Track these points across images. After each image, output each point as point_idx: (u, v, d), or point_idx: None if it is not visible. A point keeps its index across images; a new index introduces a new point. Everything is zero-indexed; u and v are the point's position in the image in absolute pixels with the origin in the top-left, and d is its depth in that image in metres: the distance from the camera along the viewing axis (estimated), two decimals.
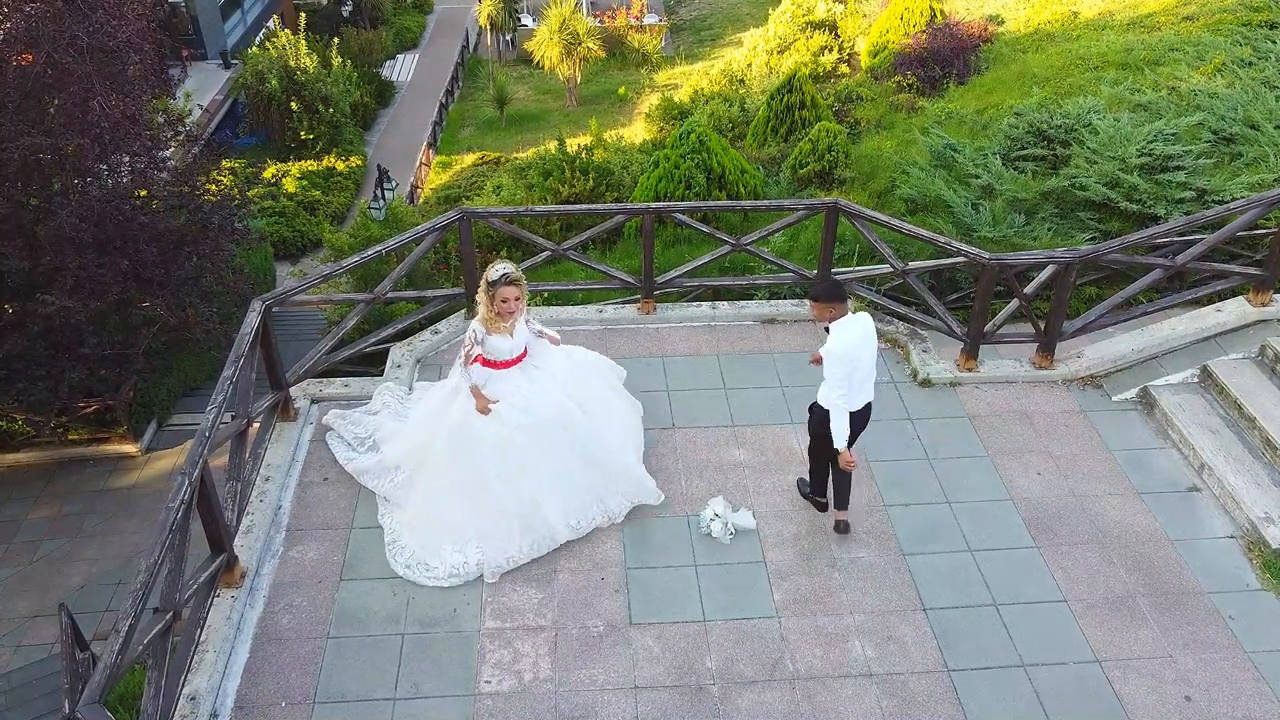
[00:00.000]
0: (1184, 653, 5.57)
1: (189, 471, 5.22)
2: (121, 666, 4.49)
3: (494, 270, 5.90)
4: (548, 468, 6.11)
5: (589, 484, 6.28)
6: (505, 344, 6.04)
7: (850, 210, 7.90)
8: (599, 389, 6.68)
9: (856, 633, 5.70)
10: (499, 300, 5.88)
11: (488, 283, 5.89)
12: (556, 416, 6.15)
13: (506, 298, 5.88)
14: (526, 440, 6.06)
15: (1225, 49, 13.56)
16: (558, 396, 6.20)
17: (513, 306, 5.92)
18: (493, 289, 5.87)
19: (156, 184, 12.58)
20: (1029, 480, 6.73)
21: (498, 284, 5.86)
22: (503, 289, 5.86)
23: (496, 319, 5.95)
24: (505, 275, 5.87)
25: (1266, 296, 7.78)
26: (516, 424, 6.05)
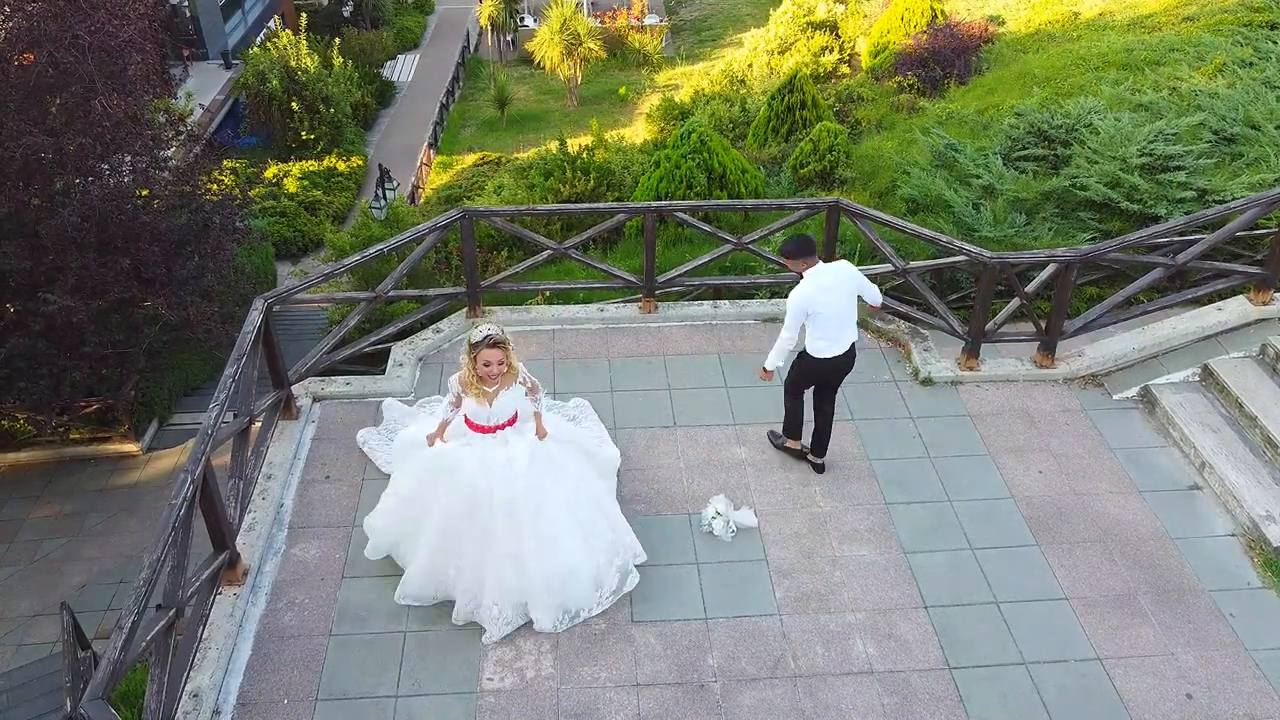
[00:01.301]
0: (1185, 651, 5.57)
1: (191, 469, 5.23)
2: (124, 663, 4.50)
3: (477, 331, 5.39)
4: (475, 551, 5.58)
5: (518, 588, 5.62)
6: (480, 411, 5.53)
7: (851, 209, 7.92)
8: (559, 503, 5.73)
9: (858, 630, 5.70)
10: (480, 363, 5.38)
11: (470, 343, 5.39)
12: (481, 502, 5.54)
13: (489, 361, 5.36)
14: (437, 502, 5.60)
15: (1226, 49, 13.57)
16: (502, 474, 5.54)
17: (495, 371, 5.39)
18: (474, 350, 5.37)
19: (158, 183, 12.60)
20: (1030, 479, 6.74)
21: (479, 346, 5.34)
22: (485, 351, 5.35)
23: (477, 382, 5.46)
24: (489, 337, 5.34)
25: (1267, 295, 7.78)
26: (471, 486, 5.54)
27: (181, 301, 12.36)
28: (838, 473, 6.80)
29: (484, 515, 5.55)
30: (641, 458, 6.95)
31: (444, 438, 5.74)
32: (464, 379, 5.53)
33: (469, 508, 5.57)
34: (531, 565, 5.55)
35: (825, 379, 6.50)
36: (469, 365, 5.45)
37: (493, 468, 5.54)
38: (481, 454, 5.58)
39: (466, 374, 5.50)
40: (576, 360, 7.97)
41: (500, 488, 5.51)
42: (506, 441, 5.63)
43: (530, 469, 5.56)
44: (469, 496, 5.56)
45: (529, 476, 5.55)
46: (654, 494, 6.65)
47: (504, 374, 5.45)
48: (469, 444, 5.65)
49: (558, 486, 5.71)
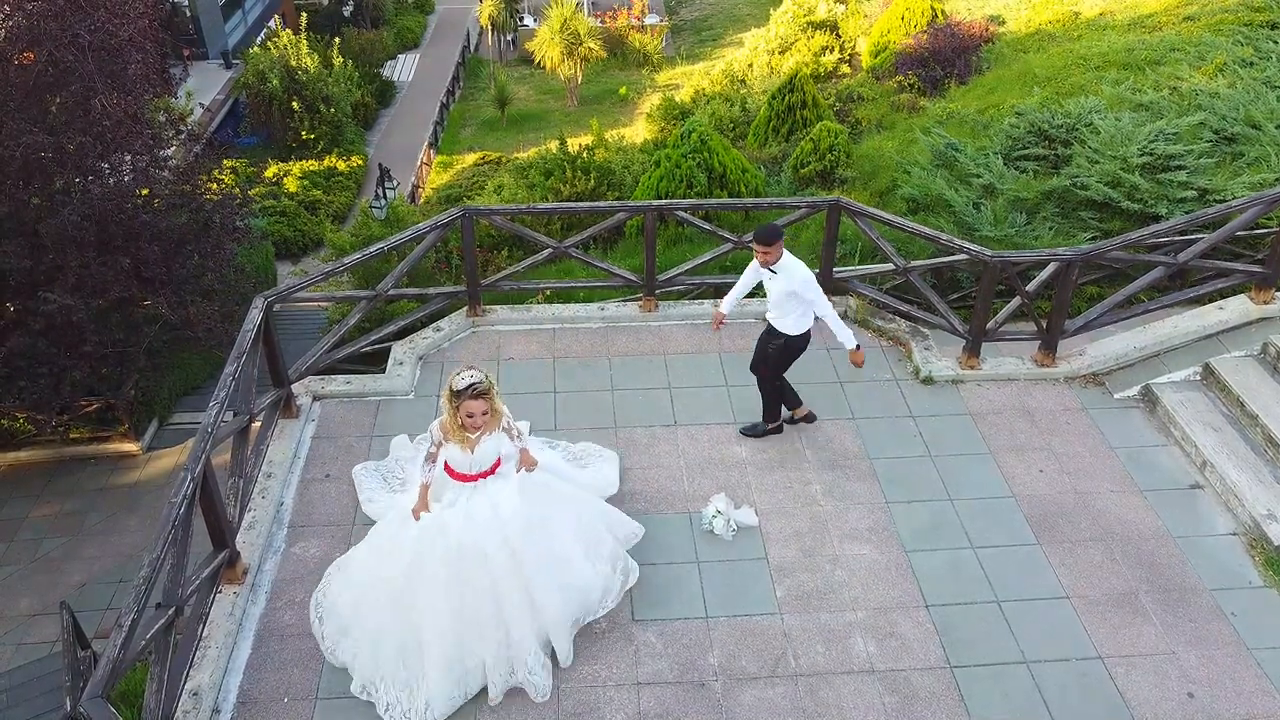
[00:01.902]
0: (1186, 649, 5.56)
1: (191, 467, 5.23)
2: (124, 662, 4.49)
3: (460, 378, 5.04)
4: (452, 609, 5.19)
5: (539, 629, 5.37)
6: (463, 458, 5.25)
7: (852, 208, 7.91)
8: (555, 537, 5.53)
9: (859, 629, 5.70)
10: (463, 414, 5.05)
11: (452, 391, 5.04)
12: (475, 558, 5.22)
13: (472, 412, 5.03)
14: (437, 575, 5.20)
15: (1226, 49, 13.56)
16: (493, 525, 5.26)
17: (479, 421, 5.07)
18: (457, 400, 5.03)
19: (158, 183, 12.60)
20: (1031, 477, 6.73)
21: (463, 395, 5.00)
22: (468, 402, 5.00)
23: (459, 430, 5.15)
24: (473, 386, 4.99)
25: (1268, 294, 7.78)
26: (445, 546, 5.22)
27: (181, 301, 12.36)
28: (839, 472, 6.79)
29: (488, 579, 5.21)
30: (642, 456, 6.95)
31: (426, 504, 5.35)
32: (445, 426, 5.20)
33: (466, 576, 5.19)
34: (546, 604, 5.33)
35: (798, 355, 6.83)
36: (450, 413, 5.12)
37: (478, 519, 5.25)
38: (465, 509, 5.27)
39: (448, 421, 5.16)
40: (577, 359, 7.97)
41: (492, 539, 5.22)
42: (489, 498, 5.32)
43: (523, 505, 5.33)
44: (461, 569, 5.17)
45: (523, 514, 5.31)
46: (654, 493, 6.64)
47: (488, 421, 5.17)
48: (451, 502, 5.31)
49: (555, 511, 5.53)
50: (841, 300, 8.45)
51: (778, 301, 6.53)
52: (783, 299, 6.48)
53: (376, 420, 7.30)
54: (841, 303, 8.44)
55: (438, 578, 5.19)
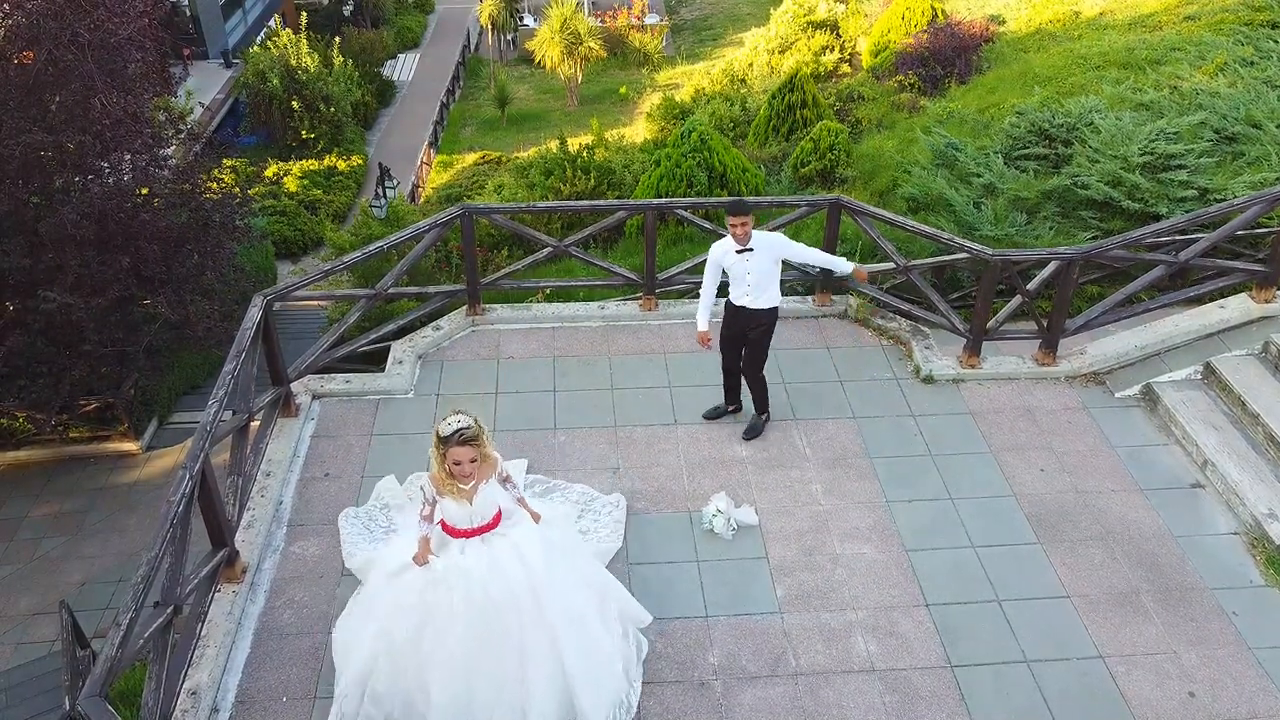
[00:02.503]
0: (1187, 649, 5.55)
1: (190, 466, 5.21)
2: (122, 660, 4.48)
3: (446, 424, 4.71)
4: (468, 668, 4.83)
5: (562, 689, 4.93)
6: (460, 511, 4.86)
7: (852, 207, 7.90)
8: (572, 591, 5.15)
9: (859, 628, 5.68)
10: (450, 461, 4.71)
11: (437, 437, 4.72)
12: (505, 606, 4.85)
13: (459, 460, 4.70)
14: (452, 629, 4.83)
15: (1227, 48, 13.55)
16: (520, 570, 4.91)
17: (468, 470, 4.75)
18: (444, 447, 4.70)
19: (158, 182, 12.60)
20: (1032, 476, 6.72)
21: (449, 442, 4.67)
22: (454, 449, 4.67)
23: (449, 479, 4.80)
24: (459, 433, 4.67)
25: (1270, 293, 7.76)
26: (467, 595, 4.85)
27: (181, 300, 12.36)
28: (839, 470, 6.78)
29: (517, 634, 4.83)
30: (642, 456, 6.93)
31: (427, 552, 4.98)
32: (436, 478, 4.83)
33: (490, 628, 4.80)
34: (574, 672, 4.91)
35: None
36: (438, 462, 4.77)
37: (503, 564, 4.86)
38: (489, 554, 4.88)
39: (438, 472, 4.80)
40: (577, 358, 7.95)
41: (520, 587, 4.83)
42: (504, 534, 4.99)
43: (547, 551, 5.00)
44: (486, 613, 4.80)
45: (546, 561, 4.96)
46: (655, 492, 6.63)
47: (479, 467, 4.80)
48: (463, 549, 4.92)
49: (567, 569, 5.16)
50: (842, 299, 8.44)
51: (762, 275, 6.45)
52: (769, 270, 6.43)
53: (376, 419, 7.29)
54: (842, 301, 8.43)
55: (452, 632, 4.80)
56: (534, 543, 4.99)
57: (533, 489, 6.36)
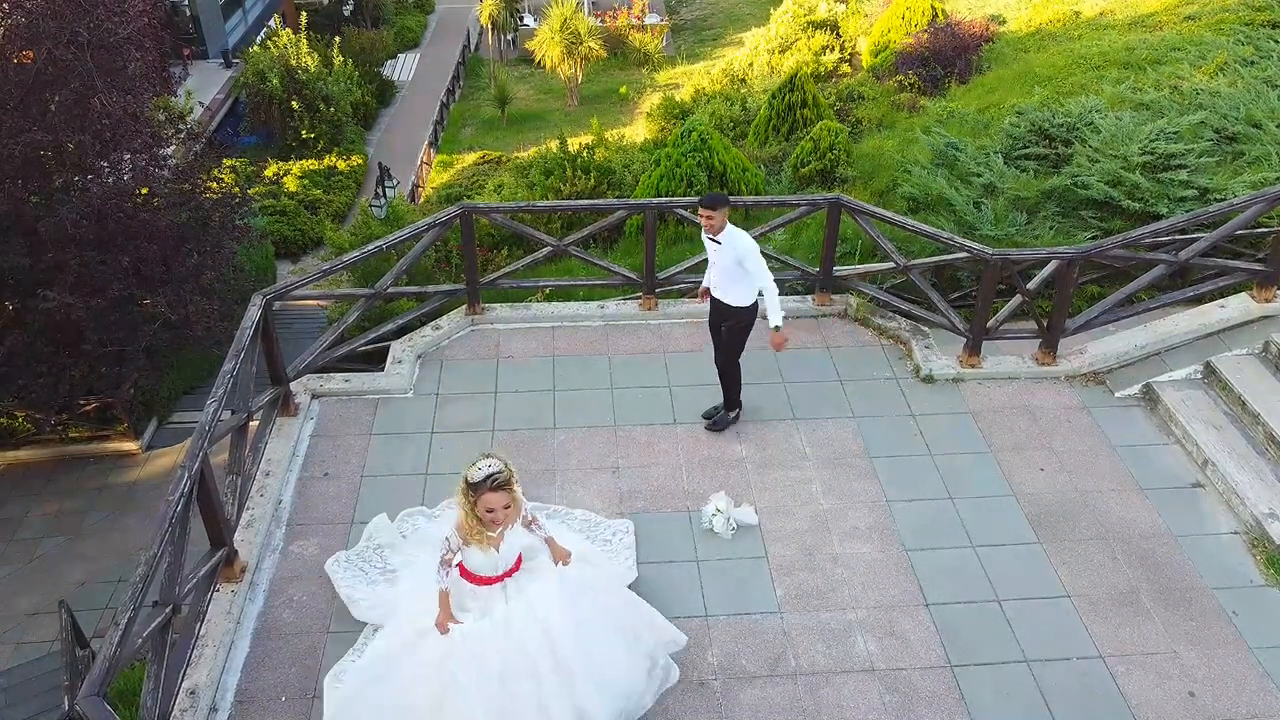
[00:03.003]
0: (1187, 649, 5.54)
1: (189, 465, 5.21)
2: (121, 659, 4.47)
3: (476, 470, 4.51)
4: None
5: None
6: (487, 560, 4.71)
7: (853, 206, 7.89)
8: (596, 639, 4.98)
9: (859, 628, 5.68)
10: (482, 509, 4.53)
11: (468, 484, 4.52)
12: (524, 674, 4.70)
13: (492, 507, 4.52)
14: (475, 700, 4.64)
15: (1227, 48, 13.54)
16: (536, 633, 4.74)
17: (500, 517, 4.57)
18: (474, 494, 4.51)
19: (158, 181, 12.60)
20: (1032, 476, 6.71)
21: (481, 488, 4.49)
22: (487, 496, 4.49)
23: (479, 528, 4.61)
24: (492, 478, 4.48)
25: (1270, 293, 7.75)
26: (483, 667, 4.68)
27: (181, 299, 12.36)
28: (839, 470, 6.78)
29: (535, 695, 4.67)
30: (642, 455, 6.93)
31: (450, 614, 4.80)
32: (463, 527, 4.62)
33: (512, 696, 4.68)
34: (595, 713, 4.80)
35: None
36: (468, 510, 4.56)
37: (516, 626, 4.72)
38: (503, 619, 4.73)
39: (465, 521, 4.59)
40: (576, 358, 7.95)
41: (540, 649, 4.69)
42: (521, 589, 4.84)
43: (565, 603, 4.82)
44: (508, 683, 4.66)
45: (568, 614, 4.80)
46: (654, 491, 6.62)
47: (509, 515, 4.63)
48: (484, 612, 4.75)
49: (593, 612, 5.00)
50: (842, 299, 8.44)
51: (724, 272, 6.55)
52: (730, 269, 6.51)
53: (375, 418, 7.28)
54: (842, 301, 8.43)
55: (476, 700, 4.64)
56: (553, 600, 4.81)
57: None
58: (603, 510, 6.43)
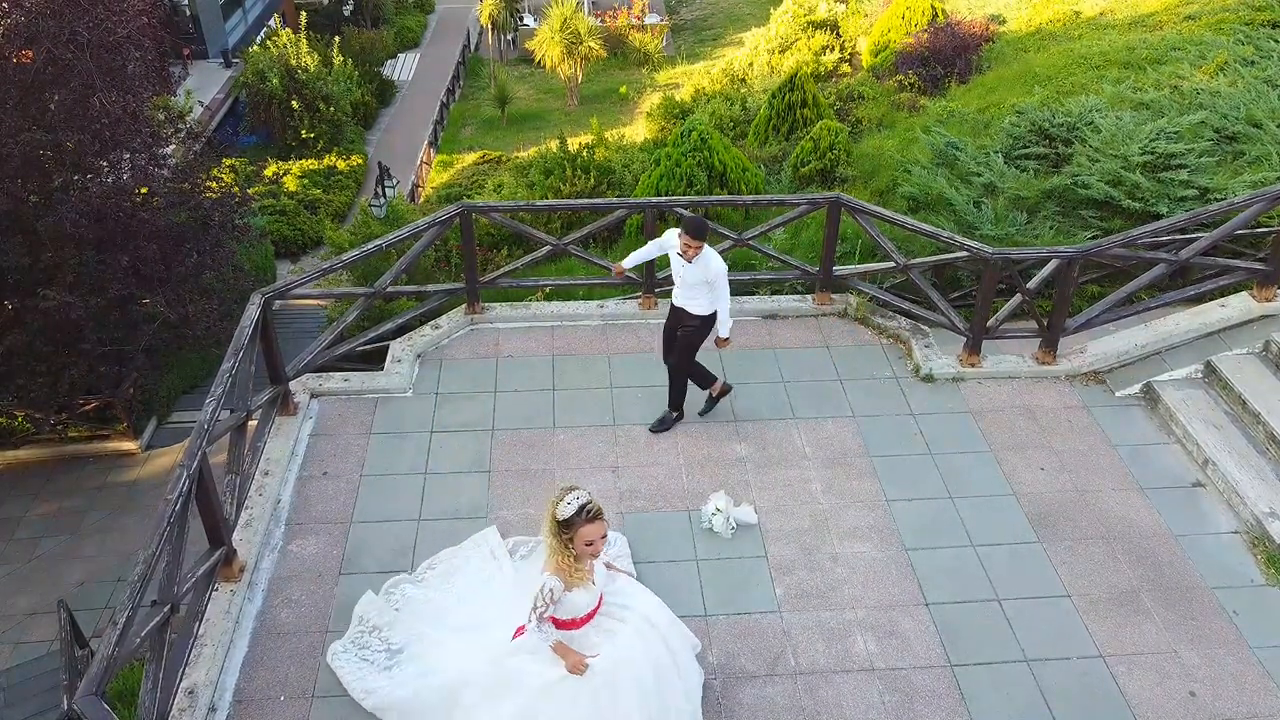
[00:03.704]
0: (1188, 648, 5.53)
1: (188, 464, 5.20)
2: (119, 659, 4.46)
3: (565, 505, 4.26)
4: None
5: None
6: (587, 597, 4.46)
7: (853, 205, 7.88)
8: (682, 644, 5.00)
9: (859, 627, 5.67)
10: (581, 543, 4.29)
11: (560, 523, 4.26)
12: (669, 661, 4.69)
13: (592, 538, 4.29)
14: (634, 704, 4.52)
15: (1227, 48, 13.53)
16: (658, 636, 4.69)
17: (599, 547, 4.37)
18: (568, 530, 4.26)
19: (157, 181, 12.59)
20: (1032, 475, 6.70)
21: (576, 523, 4.25)
22: (585, 528, 4.26)
23: (577, 566, 4.35)
24: (586, 509, 4.26)
25: (1271, 292, 7.74)
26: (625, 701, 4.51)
27: (180, 299, 12.36)
28: (839, 469, 6.77)
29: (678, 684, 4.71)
30: (641, 454, 6.92)
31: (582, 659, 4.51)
32: (563, 569, 4.32)
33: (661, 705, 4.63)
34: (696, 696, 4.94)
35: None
36: (562, 551, 4.30)
37: (645, 632, 4.64)
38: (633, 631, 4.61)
39: (563, 561, 4.32)
40: (576, 357, 7.94)
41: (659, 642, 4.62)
42: (623, 604, 4.68)
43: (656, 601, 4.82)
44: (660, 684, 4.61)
45: (661, 609, 4.80)
46: (654, 490, 6.62)
47: (604, 541, 4.43)
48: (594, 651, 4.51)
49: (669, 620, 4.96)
50: (842, 298, 8.43)
51: (690, 287, 6.60)
52: (696, 285, 6.56)
53: (375, 418, 7.27)
54: (842, 300, 8.42)
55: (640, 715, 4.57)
56: (651, 600, 4.79)
57: (518, 552, 5.96)
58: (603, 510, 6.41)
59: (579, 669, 4.44)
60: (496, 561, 5.78)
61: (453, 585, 5.70)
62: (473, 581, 5.64)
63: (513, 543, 6.02)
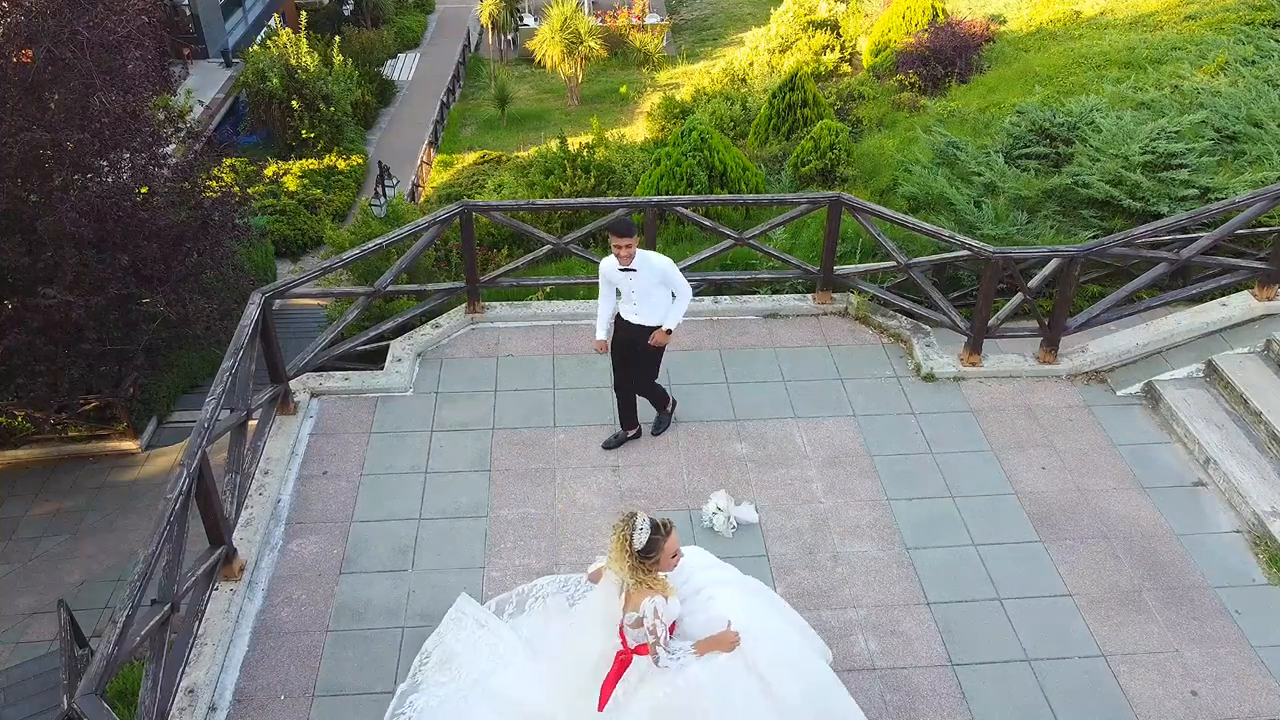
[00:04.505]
0: (1189, 647, 5.52)
1: (188, 463, 5.19)
2: (118, 658, 4.45)
3: (639, 532, 4.23)
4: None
5: None
6: (675, 602, 4.44)
7: (854, 204, 7.87)
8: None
9: (859, 627, 5.66)
10: (667, 556, 4.29)
11: (641, 553, 4.21)
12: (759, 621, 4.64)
13: (675, 550, 4.33)
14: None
15: (1228, 47, 13.54)
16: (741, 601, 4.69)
17: (679, 555, 4.42)
18: (653, 553, 4.24)
19: (157, 180, 12.58)
20: (1033, 475, 6.70)
21: (659, 541, 4.24)
22: (668, 543, 4.28)
23: (662, 583, 4.34)
24: (660, 527, 4.28)
25: (1272, 291, 7.73)
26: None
27: (180, 298, 12.35)
28: (840, 468, 6.76)
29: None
30: (642, 453, 6.91)
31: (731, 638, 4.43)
32: (663, 587, 4.31)
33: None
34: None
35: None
36: (649, 575, 4.25)
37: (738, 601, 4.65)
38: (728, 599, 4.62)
39: (654, 583, 4.28)
40: (577, 356, 7.92)
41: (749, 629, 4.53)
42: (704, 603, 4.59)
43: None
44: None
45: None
46: (654, 489, 6.61)
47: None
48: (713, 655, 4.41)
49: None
50: (843, 298, 8.42)
51: (646, 295, 6.37)
52: (651, 291, 6.35)
53: (375, 417, 7.26)
54: (843, 300, 8.41)
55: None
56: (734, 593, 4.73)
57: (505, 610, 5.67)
58: (603, 509, 6.42)
59: (734, 643, 4.37)
60: (486, 629, 5.38)
61: (458, 673, 5.21)
62: (477, 660, 5.20)
63: (494, 604, 5.70)
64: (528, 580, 5.90)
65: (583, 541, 6.21)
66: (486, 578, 5.96)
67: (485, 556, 6.12)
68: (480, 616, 5.49)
